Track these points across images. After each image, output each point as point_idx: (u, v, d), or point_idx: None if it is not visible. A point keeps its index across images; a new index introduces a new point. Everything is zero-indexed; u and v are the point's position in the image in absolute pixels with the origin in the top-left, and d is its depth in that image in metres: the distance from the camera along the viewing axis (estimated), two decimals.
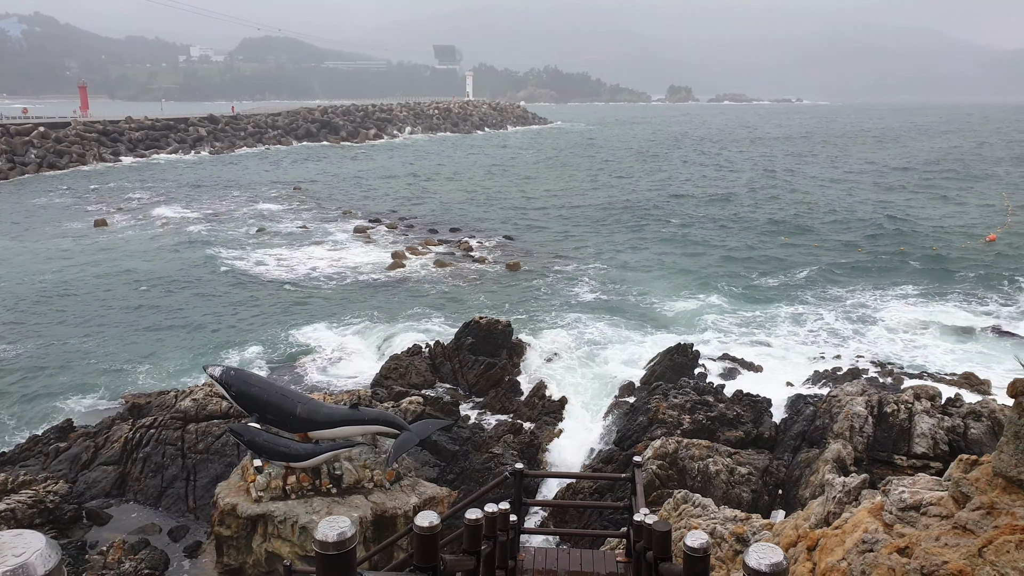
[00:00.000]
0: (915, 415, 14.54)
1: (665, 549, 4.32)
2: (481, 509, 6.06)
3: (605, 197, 63.54)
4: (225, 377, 14.04)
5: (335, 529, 2.93)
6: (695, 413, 16.93)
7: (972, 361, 25.62)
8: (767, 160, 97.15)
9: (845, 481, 6.37)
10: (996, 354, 26.38)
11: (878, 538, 4.97)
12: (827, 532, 5.71)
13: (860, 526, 5.23)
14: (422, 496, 14.06)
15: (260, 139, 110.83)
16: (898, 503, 5.17)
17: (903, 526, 4.96)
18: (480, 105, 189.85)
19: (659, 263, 39.70)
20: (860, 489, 6.28)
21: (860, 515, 5.39)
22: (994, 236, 43.16)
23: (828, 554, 5.28)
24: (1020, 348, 27.07)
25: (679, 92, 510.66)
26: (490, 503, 6.25)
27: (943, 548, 4.40)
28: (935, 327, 29.31)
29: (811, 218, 52.59)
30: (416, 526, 4.23)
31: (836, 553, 5.19)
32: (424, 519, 4.23)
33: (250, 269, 37.36)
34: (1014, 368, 24.27)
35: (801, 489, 13.80)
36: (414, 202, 60.62)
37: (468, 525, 6.34)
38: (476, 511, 6.45)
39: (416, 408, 16.96)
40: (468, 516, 6.34)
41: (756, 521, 8.41)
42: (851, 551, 5.11)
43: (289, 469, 13.63)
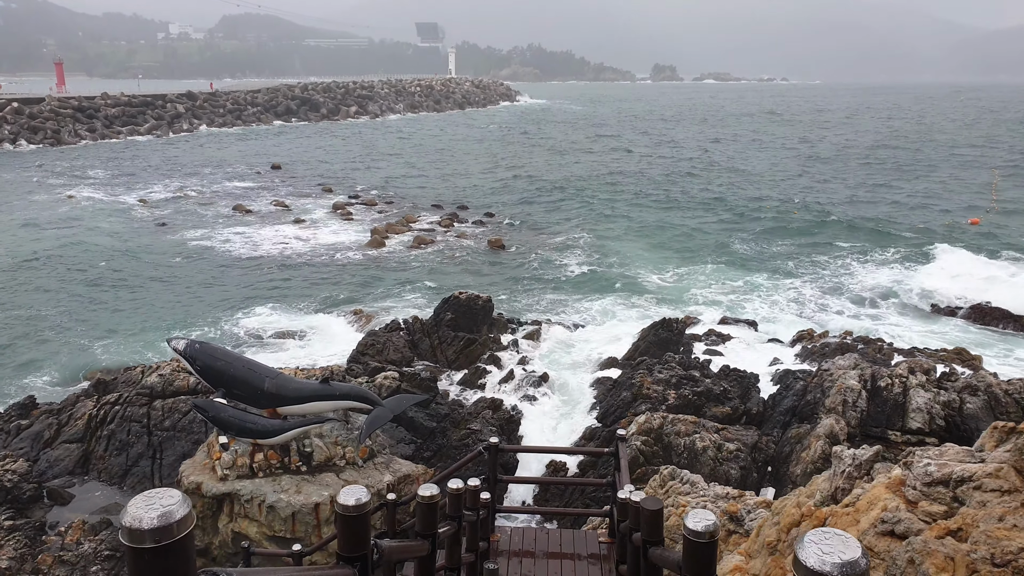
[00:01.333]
0: (910, 389, 14.08)
1: (655, 531, 3.70)
2: None
3: (587, 174, 62.80)
4: (189, 350, 13.32)
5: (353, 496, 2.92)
6: (681, 388, 16.41)
7: (960, 340, 25.32)
8: (754, 137, 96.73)
9: (855, 453, 5.80)
10: (980, 332, 26.11)
11: (900, 517, 4.39)
12: (836, 510, 5.14)
13: (877, 503, 4.66)
14: (396, 474, 13.45)
15: (239, 116, 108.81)
16: (923, 477, 4.59)
17: (930, 503, 4.39)
18: (463, 83, 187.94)
19: (642, 240, 39.15)
20: (872, 462, 5.71)
21: (876, 491, 4.82)
22: (977, 220, 42.58)
23: None
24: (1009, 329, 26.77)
25: (663, 71, 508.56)
26: (455, 479, 5.61)
27: (1012, 531, 3.78)
28: (920, 305, 29.02)
29: (791, 196, 52.19)
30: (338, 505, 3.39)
31: (849, 534, 4.62)
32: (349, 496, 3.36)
33: (225, 247, 36.40)
34: (1005, 346, 24.00)
35: (792, 466, 13.32)
36: (395, 180, 59.60)
37: (421, 504, 5.69)
38: (431, 487, 5.82)
39: (391, 384, 16.31)
40: (421, 493, 5.68)
41: (750, 499, 7.86)
42: (867, 532, 4.54)
43: (256, 446, 12.96)
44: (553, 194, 52.03)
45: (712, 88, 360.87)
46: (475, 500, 6.20)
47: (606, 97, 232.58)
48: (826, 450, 12.97)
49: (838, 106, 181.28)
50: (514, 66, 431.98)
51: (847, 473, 5.72)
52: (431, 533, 5.13)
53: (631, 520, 4.82)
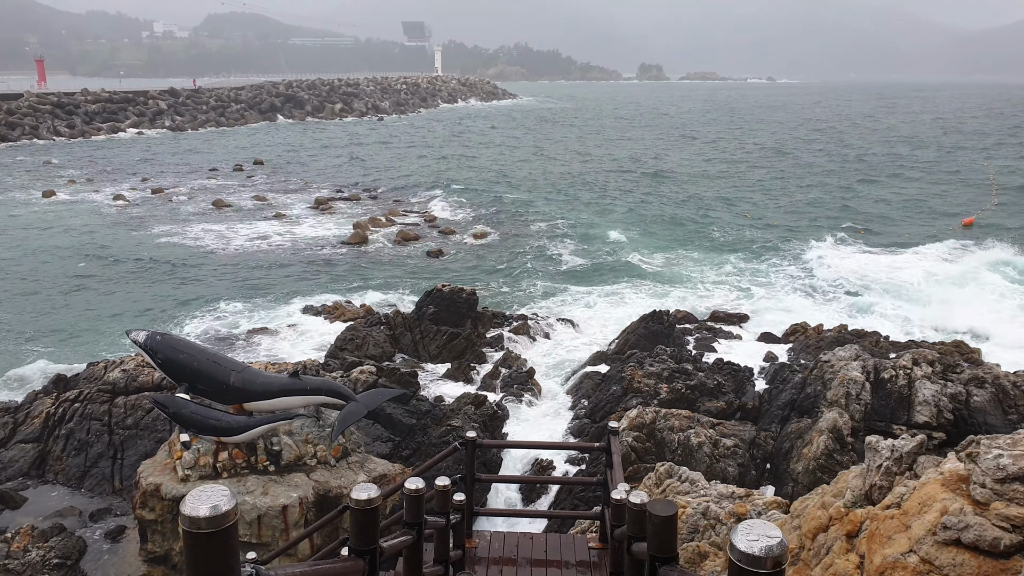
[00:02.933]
0: (915, 381, 13.35)
1: (667, 544, 2.88)
2: None
3: (573, 168, 62.07)
4: (150, 343, 12.38)
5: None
6: (673, 382, 15.63)
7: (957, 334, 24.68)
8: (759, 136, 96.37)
9: (894, 444, 4.99)
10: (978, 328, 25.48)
11: (968, 522, 3.60)
12: (876, 513, 4.34)
13: (932, 505, 3.87)
14: (371, 473, 12.58)
15: (223, 113, 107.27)
16: (994, 472, 3.79)
17: (1007, 504, 3.60)
18: (449, 80, 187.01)
19: (629, 235, 38.37)
20: (916, 455, 4.89)
21: (929, 489, 4.02)
22: (971, 220, 41.35)
23: (884, 543, 3.90)
24: None
25: (650, 70, 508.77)
26: (414, 479, 4.78)
27: None
28: (915, 300, 28.43)
29: (784, 198, 51.68)
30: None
31: (898, 543, 3.81)
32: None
33: (201, 242, 35.34)
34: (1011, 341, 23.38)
35: (793, 463, 12.56)
36: (379, 175, 58.61)
37: (408, 496, 4.89)
38: (417, 480, 5.01)
39: (368, 378, 15.41)
40: (407, 486, 4.95)
41: (759, 498, 7.06)
42: (924, 540, 3.75)
43: (220, 444, 12.06)
44: (540, 189, 51.21)
45: (701, 87, 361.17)
46: (445, 502, 5.37)
47: (591, 96, 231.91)
48: (830, 445, 12.22)
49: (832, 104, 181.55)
50: (501, 65, 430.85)
51: (884, 468, 4.91)
52: (417, 523, 4.98)
53: (630, 526, 4.02)
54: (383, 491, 8.09)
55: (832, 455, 12.13)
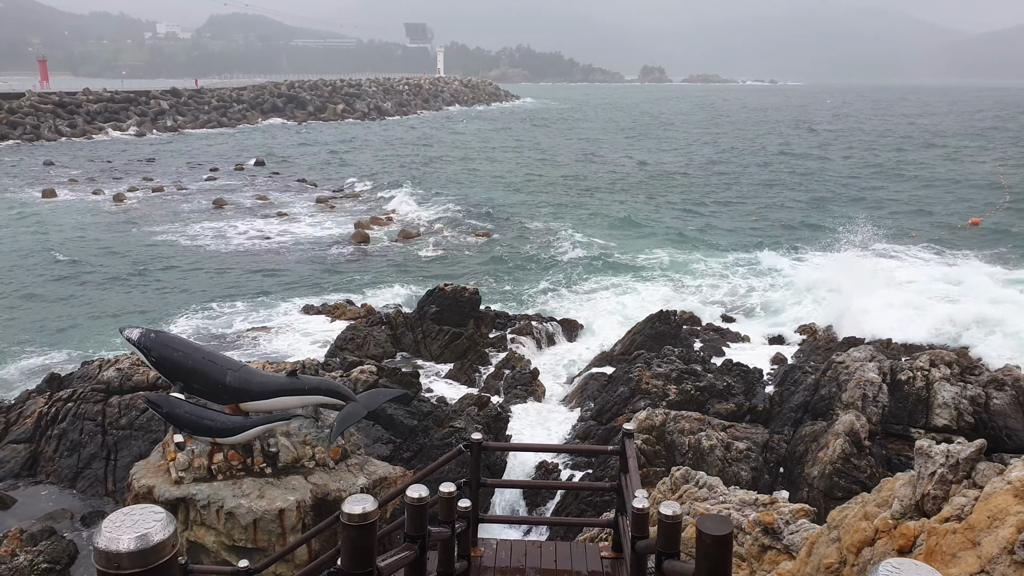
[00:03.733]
0: (933, 383, 12.92)
1: (721, 569, 2.43)
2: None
3: (576, 169, 61.68)
4: (144, 340, 12.00)
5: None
6: (682, 383, 15.21)
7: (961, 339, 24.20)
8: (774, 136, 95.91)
9: (950, 450, 4.55)
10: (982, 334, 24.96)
11: None
12: (933, 526, 3.91)
13: (1005, 519, 3.46)
14: (372, 476, 12.18)
15: (224, 113, 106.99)
16: None
17: None
18: (451, 82, 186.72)
19: (633, 236, 37.95)
20: (974, 461, 4.46)
21: (999, 501, 3.61)
22: (978, 220, 40.86)
23: (947, 562, 3.49)
24: None
25: (652, 72, 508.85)
26: (416, 486, 4.37)
27: None
28: (919, 304, 27.94)
29: (792, 194, 51.25)
30: None
31: (966, 562, 3.41)
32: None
33: (201, 241, 34.97)
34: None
35: (808, 467, 12.13)
36: (382, 175, 58.21)
37: (410, 505, 4.47)
38: (419, 488, 4.61)
39: (368, 378, 15.00)
40: (409, 495, 4.53)
41: (784, 506, 6.62)
42: (999, 559, 3.34)
43: (216, 445, 11.66)
44: (543, 190, 50.81)
45: (702, 89, 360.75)
46: (450, 510, 4.97)
47: (591, 99, 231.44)
48: (847, 449, 11.80)
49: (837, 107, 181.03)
50: (503, 67, 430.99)
51: (939, 476, 4.48)
52: (420, 535, 4.58)
53: (661, 541, 3.60)
54: (380, 498, 7.69)
55: (849, 459, 11.72)
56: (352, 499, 3.61)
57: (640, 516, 4.46)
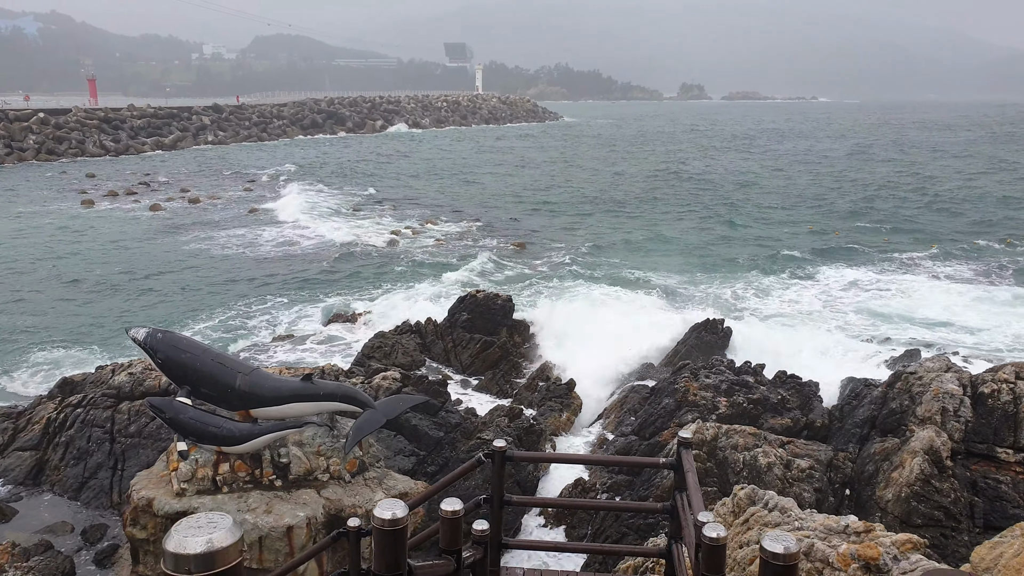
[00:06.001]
0: (1022, 397, 11.41)
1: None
2: None
3: (614, 184, 60.47)
4: (151, 341, 11.13)
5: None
6: (733, 395, 13.87)
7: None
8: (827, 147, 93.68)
9: None
10: None
11: None
12: None
13: None
14: (391, 491, 11.07)
15: (265, 129, 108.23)
16: None
17: None
18: (489, 98, 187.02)
19: (671, 245, 36.59)
20: None
21: None
22: None
23: None
24: None
25: (691, 90, 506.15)
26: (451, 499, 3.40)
27: None
28: (990, 308, 26.12)
29: (837, 205, 49.34)
30: None
31: None
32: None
33: (235, 249, 34.55)
34: None
35: (880, 489, 10.71)
36: (417, 186, 57.77)
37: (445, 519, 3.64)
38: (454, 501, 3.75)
39: (392, 385, 13.95)
40: (444, 508, 4.22)
41: (884, 536, 5.34)
42: None
43: (221, 454, 10.70)
44: (584, 204, 49.63)
45: (742, 106, 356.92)
46: (454, 534, 3.88)
47: (651, 115, 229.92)
48: (926, 470, 10.37)
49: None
50: (542, 85, 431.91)
51: None
52: (456, 550, 4.47)
53: None
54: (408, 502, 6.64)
55: (929, 481, 10.29)
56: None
57: (715, 548, 3.31)
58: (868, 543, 5.19)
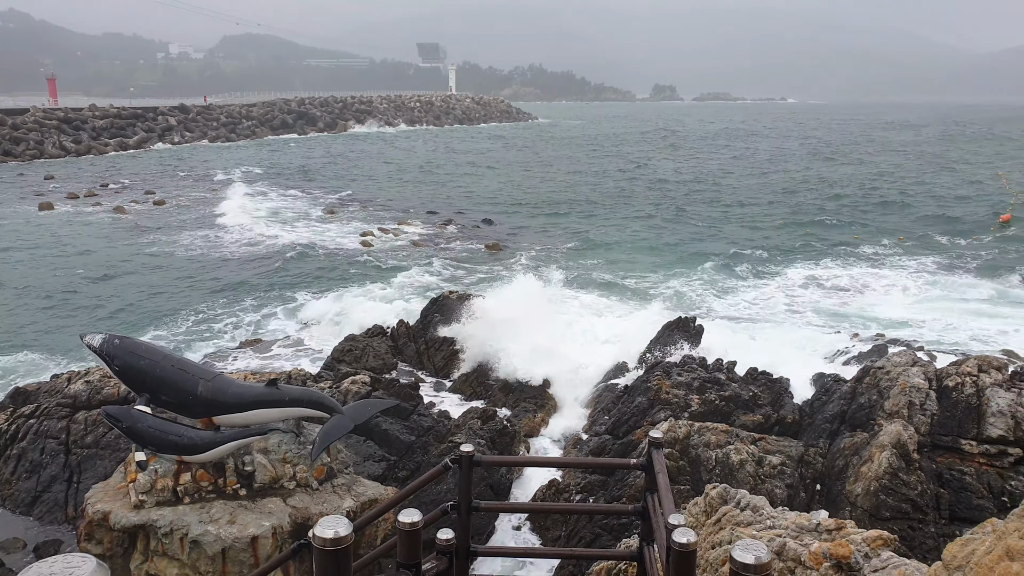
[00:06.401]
0: (985, 389, 11.50)
1: None
2: None
3: (587, 184, 60.61)
4: (107, 347, 10.80)
5: None
6: (705, 392, 13.83)
7: (1002, 340, 22.76)
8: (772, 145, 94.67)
9: None
10: None
11: None
12: None
13: None
14: (360, 498, 10.84)
15: (234, 129, 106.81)
16: None
17: None
18: (463, 99, 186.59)
19: (642, 244, 36.75)
20: None
21: None
22: (1008, 216, 40.76)
23: None
24: None
25: (663, 91, 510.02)
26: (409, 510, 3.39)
27: None
28: (950, 304, 26.56)
29: (804, 201, 49.89)
30: None
31: None
32: None
33: (200, 251, 33.94)
34: None
35: (849, 483, 10.71)
36: (390, 186, 57.37)
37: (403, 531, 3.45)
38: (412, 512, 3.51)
39: (361, 389, 13.69)
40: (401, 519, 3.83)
41: (855, 533, 5.25)
42: None
43: (183, 464, 10.38)
44: (558, 204, 49.58)
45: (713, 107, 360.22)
46: (412, 547, 3.71)
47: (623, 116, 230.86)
48: (894, 463, 10.38)
49: None
50: (516, 86, 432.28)
51: None
52: (415, 563, 4.22)
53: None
54: (358, 520, 6.41)
55: (897, 474, 10.30)
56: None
57: (684, 555, 3.18)
58: (840, 541, 5.10)
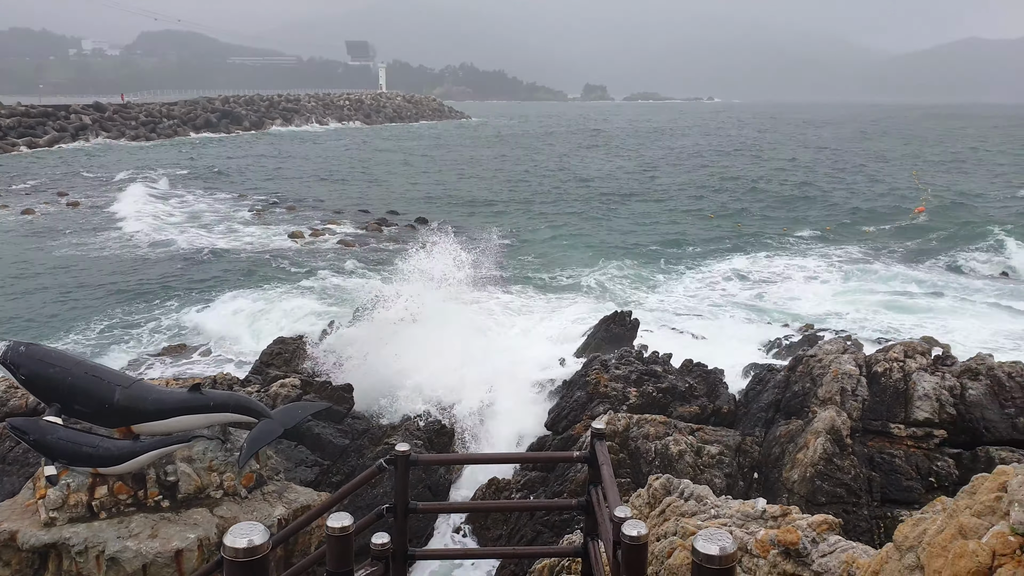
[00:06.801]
0: (911, 374, 11.84)
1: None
2: None
3: (521, 181, 60.73)
4: (11, 356, 10.02)
5: None
6: (643, 385, 13.86)
7: (922, 326, 23.65)
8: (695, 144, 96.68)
9: None
10: (941, 317, 24.54)
11: None
12: None
13: None
14: (292, 505, 10.42)
15: (154, 129, 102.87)
16: None
17: None
18: (394, 97, 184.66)
19: (576, 240, 36.98)
20: None
21: None
22: (922, 208, 43.03)
23: None
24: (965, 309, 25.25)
25: (595, 91, 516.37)
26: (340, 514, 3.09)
27: None
28: (871, 295, 27.56)
29: (731, 198, 51.11)
30: None
31: None
32: None
33: (117, 252, 32.45)
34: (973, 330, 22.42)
35: (786, 471, 10.85)
36: (320, 186, 56.18)
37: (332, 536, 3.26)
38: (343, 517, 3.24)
39: (291, 392, 13.20)
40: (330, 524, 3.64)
41: (800, 518, 5.19)
42: None
43: (98, 477, 9.76)
44: (492, 203, 49.45)
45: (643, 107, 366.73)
46: (343, 554, 3.44)
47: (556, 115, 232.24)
48: (829, 449, 10.57)
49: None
50: (447, 85, 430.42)
51: None
52: (346, 571, 3.99)
53: None
54: (282, 531, 6.07)
55: (832, 460, 10.49)
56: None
57: (635, 548, 3.01)
58: (787, 528, 5.06)
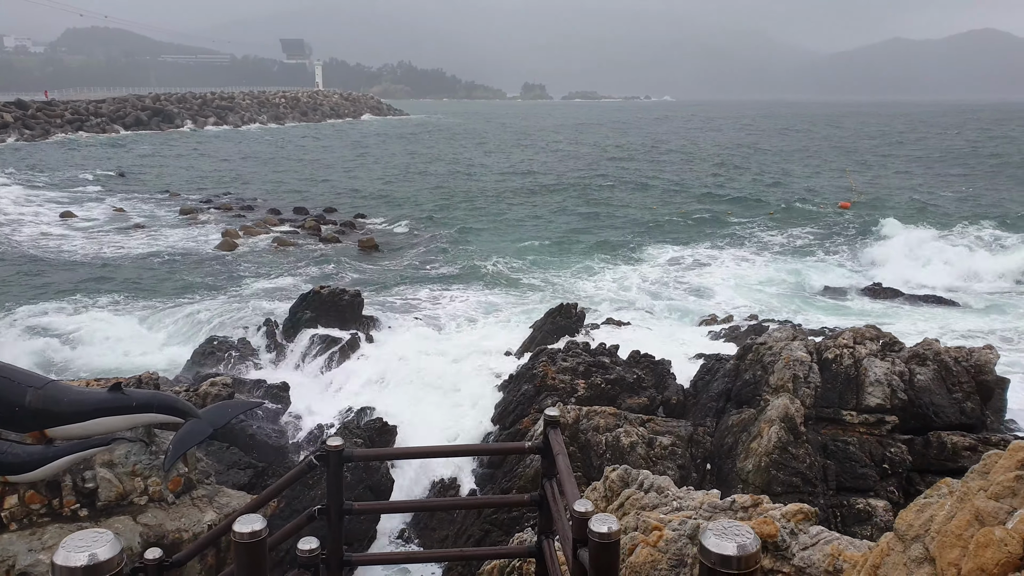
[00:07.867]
0: (862, 360, 11.81)
1: None
2: None
3: (463, 177, 60.17)
4: None
5: None
6: (591, 377, 13.56)
7: (857, 317, 24.06)
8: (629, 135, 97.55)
9: None
10: (874, 309, 25.04)
11: None
12: None
13: None
14: (223, 509, 9.71)
15: (81, 127, 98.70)
16: None
17: None
18: (331, 95, 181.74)
19: (520, 235, 36.72)
20: None
21: None
22: (847, 203, 43.92)
23: None
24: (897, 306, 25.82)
25: (533, 90, 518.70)
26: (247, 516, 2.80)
27: None
28: (807, 287, 28.02)
29: (662, 190, 51.58)
30: None
31: None
32: None
33: (40, 254, 30.72)
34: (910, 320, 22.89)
35: (740, 460, 10.66)
36: (255, 185, 54.54)
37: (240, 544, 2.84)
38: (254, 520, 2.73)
39: (221, 391, 12.44)
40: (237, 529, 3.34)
41: (772, 508, 4.85)
42: None
43: (8, 485, 8.92)
44: (435, 200, 48.74)
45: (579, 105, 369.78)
46: (255, 561, 2.95)
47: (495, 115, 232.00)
48: (783, 437, 10.41)
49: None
50: (385, 83, 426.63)
51: None
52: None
53: None
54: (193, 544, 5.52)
55: (786, 448, 10.34)
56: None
57: (606, 546, 2.60)
58: (763, 519, 4.72)
